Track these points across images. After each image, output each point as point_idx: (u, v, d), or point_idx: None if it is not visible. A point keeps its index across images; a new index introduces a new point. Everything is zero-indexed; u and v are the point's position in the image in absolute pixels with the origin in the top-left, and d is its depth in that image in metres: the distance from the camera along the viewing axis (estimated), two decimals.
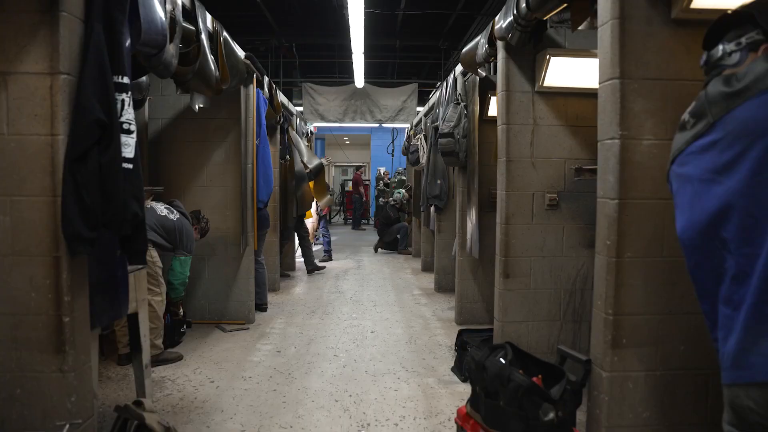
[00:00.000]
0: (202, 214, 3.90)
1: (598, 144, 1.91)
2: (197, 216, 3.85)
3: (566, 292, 3.15)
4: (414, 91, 10.59)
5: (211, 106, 4.29)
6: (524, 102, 3.08)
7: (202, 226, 3.87)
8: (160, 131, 4.36)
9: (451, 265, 5.80)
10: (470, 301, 4.52)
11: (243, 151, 4.24)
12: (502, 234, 3.11)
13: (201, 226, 3.86)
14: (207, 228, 3.92)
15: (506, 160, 3.07)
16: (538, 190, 3.11)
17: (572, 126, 3.11)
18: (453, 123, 4.24)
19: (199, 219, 3.85)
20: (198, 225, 3.83)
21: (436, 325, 4.55)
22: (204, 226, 3.88)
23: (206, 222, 3.90)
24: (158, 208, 3.49)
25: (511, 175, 3.08)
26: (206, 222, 3.90)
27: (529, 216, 3.11)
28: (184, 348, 3.78)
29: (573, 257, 3.14)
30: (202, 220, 3.87)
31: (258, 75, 4.39)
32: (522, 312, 3.13)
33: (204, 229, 3.89)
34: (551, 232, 3.12)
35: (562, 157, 3.12)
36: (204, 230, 3.90)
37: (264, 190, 4.49)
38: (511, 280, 3.11)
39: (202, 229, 3.88)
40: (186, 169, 4.38)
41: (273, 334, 4.21)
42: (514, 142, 3.08)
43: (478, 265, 4.47)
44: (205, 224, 3.89)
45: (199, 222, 3.84)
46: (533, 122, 3.08)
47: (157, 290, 3.37)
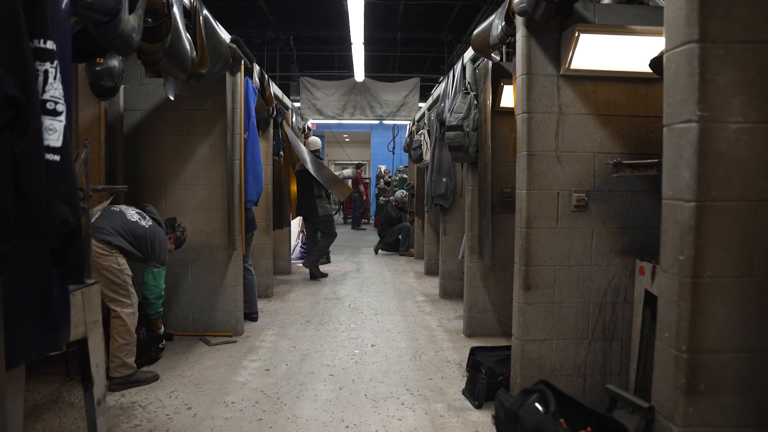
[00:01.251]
0: (178, 222, 3.49)
1: (665, 130, 1.50)
2: (172, 224, 3.44)
3: (595, 305, 2.74)
4: (416, 86, 10.16)
5: (195, 95, 3.89)
6: (548, 87, 2.67)
7: (178, 236, 3.46)
8: (138, 123, 3.95)
9: (458, 269, 5.41)
10: (480, 311, 4.11)
11: (229, 146, 3.83)
12: (523, 239, 2.70)
13: (176, 236, 3.45)
14: (183, 238, 3.52)
15: (527, 154, 2.66)
16: (564, 188, 2.70)
17: (602, 115, 2.70)
18: (462, 114, 3.83)
19: (174, 228, 3.44)
20: (173, 234, 3.43)
21: (442, 337, 4.14)
22: (180, 235, 3.48)
23: (182, 231, 3.50)
24: (129, 213, 3.08)
25: (532, 172, 2.67)
26: (182, 231, 3.50)
27: (554, 219, 2.70)
28: (162, 365, 3.37)
29: (603, 266, 2.73)
30: (177, 228, 3.46)
31: (246, 62, 3.97)
32: (545, 329, 2.72)
33: (180, 239, 3.49)
34: (578, 237, 2.71)
35: (591, 150, 2.71)
36: (180, 240, 3.49)
37: (253, 188, 4.08)
38: (533, 293, 2.70)
39: (178, 239, 3.47)
40: (167, 165, 3.97)
41: (262, 349, 3.80)
42: (536, 134, 2.66)
43: (489, 271, 4.07)
44: (181, 233, 3.49)
45: (174, 231, 3.44)
46: (558, 110, 2.67)
47: (127, 301, 2.97)
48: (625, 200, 2.73)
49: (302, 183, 6.28)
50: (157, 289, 3.18)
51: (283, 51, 10.45)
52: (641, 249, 2.72)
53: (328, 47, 10.78)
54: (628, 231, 2.73)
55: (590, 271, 2.73)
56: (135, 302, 3.02)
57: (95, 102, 3.33)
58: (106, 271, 2.88)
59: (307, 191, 6.29)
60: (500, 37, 2.93)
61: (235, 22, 9.10)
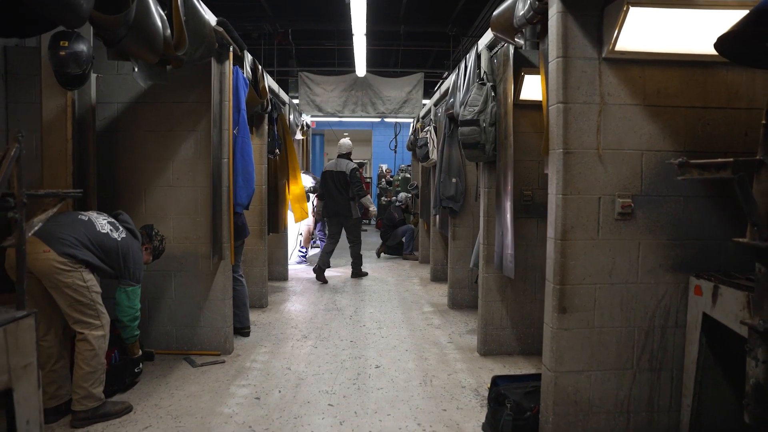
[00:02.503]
0: (155, 230, 3.07)
1: None
2: (149, 233, 3.03)
3: (641, 331, 2.32)
4: (420, 82, 9.74)
5: (177, 86, 3.48)
6: (587, 73, 2.24)
7: (156, 246, 3.05)
8: (115, 118, 3.53)
9: (468, 277, 5.00)
10: (497, 327, 3.69)
11: (216, 143, 3.40)
12: (557, 254, 2.28)
13: (154, 246, 3.04)
14: (162, 248, 3.11)
15: (563, 151, 2.24)
16: (606, 193, 2.28)
17: (651, 106, 2.28)
18: (478, 108, 3.41)
19: (152, 237, 3.03)
20: (149, 244, 3.01)
21: (454, 355, 3.72)
22: (158, 245, 3.06)
23: (161, 240, 3.09)
24: (99, 223, 2.66)
25: (569, 173, 2.25)
26: (161, 240, 3.09)
27: (594, 229, 2.28)
28: (138, 393, 2.96)
29: (651, 284, 2.31)
30: (155, 237, 3.04)
31: (236, 48, 3.55)
32: (582, 358, 2.30)
33: (158, 250, 3.08)
34: (623, 250, 2.29)
35: (638, 148, 2.29)
36: (158, 251, 3.08)
37: (243, 191, 3.66)
38: (569, 316, 2.28)
39: (156, 249, 3.06)
40: (147, 164, 3.55)
41: (253, 371, 3.38)
42: (573, 128, 2.24)
43: (506, 283, 3.65)
44: (160, 242, 3.08)
45: (151, 240, 3.02)
46: (600, 100, 2.25)
47: (95, 322, 2.55)
48: (678, 207, 2.31)
49: (336, 183, 6.33)
50: (131, 310, 2.76)
51: (281, 45, 10.02)
52: (696, 264, 2.31)
53: (328, 41, 10.35)
54: (681, 243, 2.31)
55: (636, 290, 2.31)
56: (106, 323, 2.61)
57: (61, 92, 2.91)
58: (69, 288, 2.47)
59: (343, 191, 6.34)
60: (528, 16, 2.51)
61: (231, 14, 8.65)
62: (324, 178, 6.46)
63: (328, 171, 6.46)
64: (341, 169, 6.37)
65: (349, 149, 6.61)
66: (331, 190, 6.36)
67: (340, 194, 6.33)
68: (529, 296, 3.69)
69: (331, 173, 6.40)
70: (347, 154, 6.56)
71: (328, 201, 6.43)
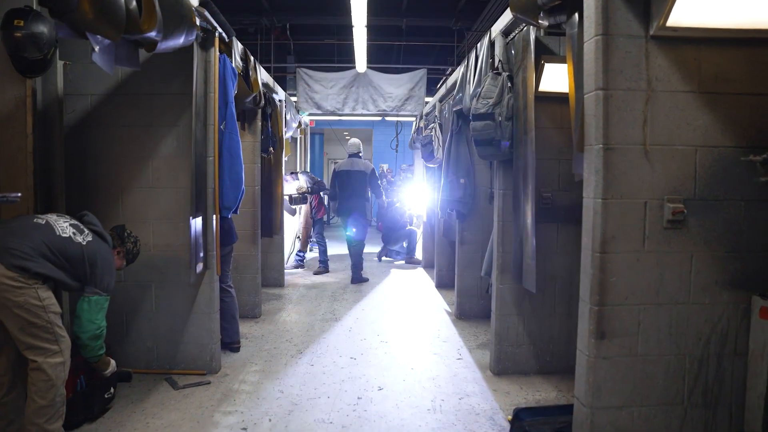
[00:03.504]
0: (127, 232, 2.72)
1: None
2: (120, 234, 2.67)
3: (694, 359, 1.97)
4: (422, 78, 9.36)
5: (158, 75, 3.14)
6: (632, 53, 1.89)
7: (129, 249, 2.69)
8: (88, 112, 3.17)
9: (477, 285, 4.64)
10: (512, 344, 3.33)
11: (198, 139, 3.04)
12: (596, 268, 1.92)
13: (127, 249, 2.68)
14: (136, 251, 2.74)
15: (603, 147, 1.88)
16: (654, 196, 1.92)
17: (708, 93, 1.93)
18: (492, 100, 3.05)
19: (124, 239, 2.67)
20: (122, 248, 2.66)
21: (465, 374, 3.36)
22: (131, 248, 2.70)
23: (135, 242, 2.73)
24: (59, 226, 2.30)
25: (611, 174, 1.89)
26: (135, 242, 2.73)
27: (639, 239, 1.92)
28: (109, 423, 2.60)
29: (706, 304, 1.96)
30: (128, 239, 2.69)
31: (222, 34, 3.20)
32: (623, 392, 1.95)
33: (131, 253, 2.71)
34: (672, 264, 1.94)
35: (692, 143, 1.93)
36: (131, 254, 2.72)
37: (231, 192, 3.29)
38: (609, 343, 1.92)
39: (129, 253, 2.70)
40: (124, 163, 3.19)
41: (242, 394, 3.03)
42: (615, 119, 1.89)
43: (523, 294, 3.29)
44: (133, 245, 2.71)
45: (123, 243, 2.66)
46: (647, 86, 1.89)
47: (53, 347, 2.19)
48: (738, 212, 1.95)
49: (354, 182, 6.25)
50: (91, 325, 2.37)
51: (279, 40, 9.67)
52: (761, 282, 1.95)
53: (327, 36, 10.01)
54: (742, 256, 1.96)
55: (687, 311, 1.95)
56: (66, 348, 2.24)
57: (19, 80, 2.53)
58: (20, 309, 2.10)
59: (361, 191, 6.32)
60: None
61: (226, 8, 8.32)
62: (339, 178, 6.32)
63: (344, 170, 6.33)
64: (359, 168, 6.30)
65: (358, 148, 6.53)
66: (347, 189, 6.26)
67: (357, 194, 6.27)
68: (548, 309, 3.34)
69: (348, 172, 6.29)
70: (357, 153, 6.49)
71: (344, 201, 6.29)
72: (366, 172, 6.35)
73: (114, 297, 3.13)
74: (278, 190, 5.15)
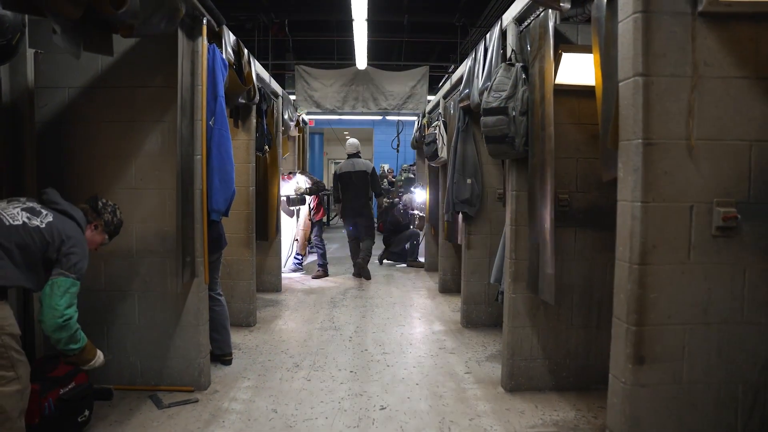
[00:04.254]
0: (103, 201, 2.41)
1: None
2: (94, 206, 2.36)
3: (748, 387, 1.71)
4: (424, 76, 9.09)
5: (142, 66, 2.90)
6: (677, 34, 1.63)
7: (108, 220, 2.38)
8: (65, 106, 2.91)
9: (485, 292, 4.39)
10: (526, 358, 3.07)
11: (184, 136, 2.78)
12: (633, 283, 1.66)
13: (105, 221, 2.37)
14: (117, 221, 2.44)
15: (643, 142, 1.63)
16: (701, 199, 1.66)
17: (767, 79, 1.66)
18: (505, 93, 2.80)
19: (99, 210, 2.36)
20: (99, 220, 2.35)
21: (474, 391, 3.10)
22: (110, 218, 2.39)
23: (113, 211, 2.42)
24: (8, 214, 2.01)
25: (651, 173, 1.63)
26: (113, 211, 2.42)
27: (684, 249, 1.66)
28: None
29: (762, 324, 1.70)
30: (104, 210, 2.37)
31: (211, 22, 2.94)
32: (667, 425, 1.69)
33: (112, 224, 2.40)
34: (722, 278, 1.68)
35: (746, 137, 1.67)
36: (112, 225, 2.41)
37: (220, 194, 3.03)
38: (649, 368, 1.66)
39: (109, 224, 2.39)
40: (104, 162, 2.93)
41: (232, 414, 2.77)
42: (657, 110, 1.63)
43: (537, 305, 3.03)
44: (112, 215, 2.40)
45: (99, 214, 2.35)
46: (693, 72, 1.63)
47: (7, 374, 1.91)
48: None
49: (357, 182, 6.28)
50: (52, 312, 2.02)
51: (277, 37, 9.41)
52: None
53: (327, 33, 9.75)
54: None
55: (740, 332, 1.69)
56: (24, 373, 1.97)
57: None
58: None
59: (364, 191, 6.33)
60: None
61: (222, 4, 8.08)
62: (342, 180, 6.36)
63: (345, 172, 6.35)
64: (361, 168, 6.34)
65: (357, 148, 6.54)
66: (351, 190, 6.30)
67: (361, 194, 6.31)
68: (565, 321, 3.08)
69: (349, 174, 6.32)
70: (357, 153, 6.50)
71: (349, 202, 6.33)
72: (367, 171, 6.37)
73: (93, 307, 2.90)
74: (274, 191, 4.89)
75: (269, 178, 4.83)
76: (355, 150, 6.52)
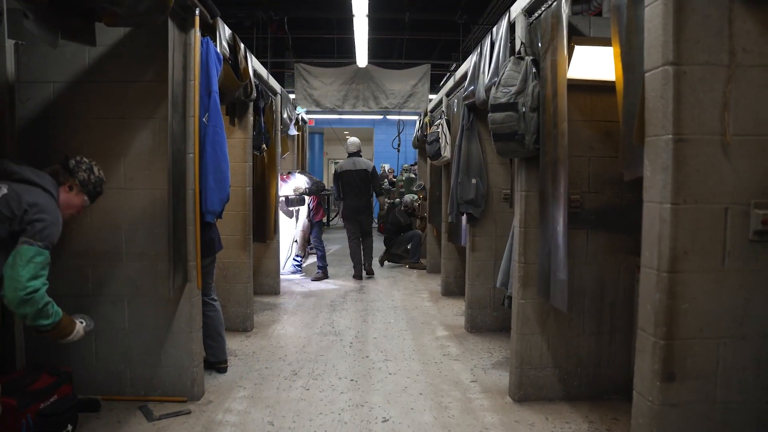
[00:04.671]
0: (76, 159, 2.18)
1: None
2: (66, 165, 2.14)
3: None
4: (426, 74, 8.94)
5: (132, 60, 2.75)
6: (713, 17, 1.48)
7: (83, 179, 2.15)
8: (51, 101, 2.76)
9: (490, 296, 4.24)
10: (535, 367, 2.92)
11: (176, 133, 2.63)
12: (662, 293, 1.51)
13: (80, 180, 2.15)
14: (96, 178, 2.21)
15: (674, 138, 1.48)
16: (737, 201, 1.52)
17: None
18: (515, 88, 2.65)
19: (73, 169, 2.14)
20: (72, 180, 2.13)
21: (481, 401, 2.95)
22: (86, 176, 2.16)
23: (89, 169, 2.19)
24: None
25: (682, 172, 1.48)
26: (89, 169, 2.19)
27: (718, 255, 1.51)
28: None
29: None
30: (78, 167, 2.15)
31: (205, 14, 2.79)
32: None
33: (89, 183, 2.18)
34: (761, 286, 1.53)
35: None
36: (91, 184, 2.19)
37: (214, 194, 2.88)
38: (679, 386, 1.52)
39: (86, 183, 2.17)
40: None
41: (226, 426, 2.62)
42: (689, 102, 1.48)
43: (547, 311, 2.88)
44: (88, 173, 2.17)
45: (72, 174, 2.13)
46: (730, 60, 1.48)
47: None
48: None
49: (358, 181, 6.26)
50: (14, 284, 1.80)
51: (276, 35, 9.27)
52: None
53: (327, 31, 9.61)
54: None
55: None
56: None
57: None
58: None
59: (365, 189, 6.34)
60: None
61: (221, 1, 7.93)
62: (342, 179, 6.33)
63: (346, 171, 6.33)
64: (361, 167, 6.33)
65: (358, 147, 6.50)
66: (353, 189, 6.29)
67: (363, 192, 6.33)
68: (576, 328, 2.93)
69: (350, 172, 6.30)
70: (358, 152, 6.47)
71: (350, 201, 6.31)
72: (368, 170, 6.36)
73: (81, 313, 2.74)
74: (272, 192, 4.74)
75: (267, 178, 4.68)
76: (356, 149, 6.47)
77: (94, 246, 2.79)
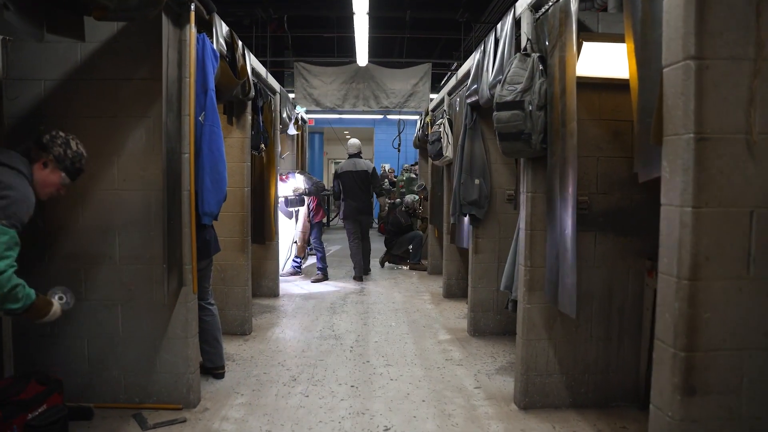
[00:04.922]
0: (53, 132, 2.06)
1: None
2: (39, 142, 2.01)
3: None
4: (427, 73, 8.87)
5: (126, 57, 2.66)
6: (738, 7, 1.39)
7: (59, 154, 2.02)
8: (41, 100, 2.67)
9: (493, 299, 4.16)
10: (541, 374, 2.84)
11: (170, 132, 2.54)
12: (682, 301, 1.42)
13: (55, 155, 2.01)
14: (74, 152, 2.08)
15: (695, 137, 1.39)
16: (763, 204, 1.43)
17: None
18: (521, 85, 2.56)
19: (46, 144, 2.00)
20: (47, 156, 2.01)
21: (486, 409, 2.87)
22: (62, 151, 2.03)
23: (64, 143, 2.06)
24: None
25: (705, 173, 1.39)
26: (64, 143, 2.06)
27: (743, 261, 1.42)
28: None
29: None
30: (52, 142, 2.02)
31: (201, 9, 2.70)
32: None
33: (66, 158, 2.05)
34: None
35: None
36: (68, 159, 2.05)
37: (211, 196, 2.79)
38: (700, 401, 1.43)
39: (62, 159, 2.03)
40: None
41: None
42: (712, 99, 1.39)
43: (554, 316, 2.80)
44: (64, 147, 2.04)
45: (47, 149, 2.00)
46: (757, 54, 1.40)
47: None
48: None
49: (359, 182, 6.26)
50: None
51: (276, 33, 9.18)
52: None
53: (327, 29, 9.52)
54: None
55: None
56: None
57: None
58: None
59: (365, 190, 6.34)
60: None
61: None
62: (343, 180, 6.31)
63: (347, 172, 6.31)
64: (362, 168, 6.33)
65: (359, 148, 6.50)
66: (354, 189, 6.29)
67: (363, 193, 6.33)
68: (584, 333, 2.84)
69: (351, 173, 6.29)
70: (358, 154, 6.48)
71: (351, 201, 6.29)
72: (368, 171, 6.36)
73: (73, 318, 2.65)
74: (271, 192, 4.66)
75: (266, 179, 4.59)
76: (356, 150, 6.46)
77: (87, 249, 2.71)
